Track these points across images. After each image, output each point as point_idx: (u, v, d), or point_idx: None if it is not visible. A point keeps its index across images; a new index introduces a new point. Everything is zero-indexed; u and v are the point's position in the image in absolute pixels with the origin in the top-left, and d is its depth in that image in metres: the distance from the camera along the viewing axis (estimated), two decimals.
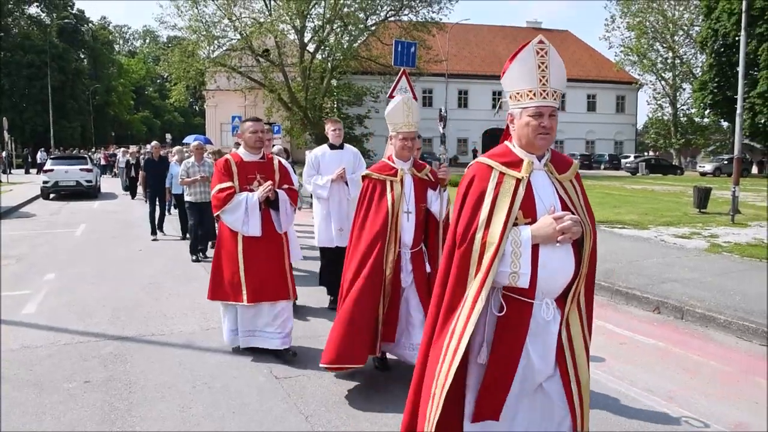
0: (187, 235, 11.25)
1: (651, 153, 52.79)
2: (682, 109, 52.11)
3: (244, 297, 5.07)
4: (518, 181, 2.59)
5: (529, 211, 2.59)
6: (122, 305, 7.06)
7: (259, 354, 5.33)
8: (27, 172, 39.49)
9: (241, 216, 5.02)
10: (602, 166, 50.32)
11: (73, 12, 66.66)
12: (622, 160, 48.59)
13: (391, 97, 12.93)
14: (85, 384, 4.72)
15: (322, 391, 4.61)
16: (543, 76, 2.56)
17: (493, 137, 55.75)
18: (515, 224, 2.57)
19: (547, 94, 2.57)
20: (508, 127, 2.75)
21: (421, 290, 4.58)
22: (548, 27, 61.74)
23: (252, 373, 4.97)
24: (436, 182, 4.70)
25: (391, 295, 4.57)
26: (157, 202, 12.80)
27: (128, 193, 21.84)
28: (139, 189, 18.30)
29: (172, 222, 13.59)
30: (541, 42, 2.57)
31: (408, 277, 4.62)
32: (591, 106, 56.38)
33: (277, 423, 4.12)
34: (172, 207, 14.18)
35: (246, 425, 4.08)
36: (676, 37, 50.43)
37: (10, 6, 59.46)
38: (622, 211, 16.02)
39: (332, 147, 6.91)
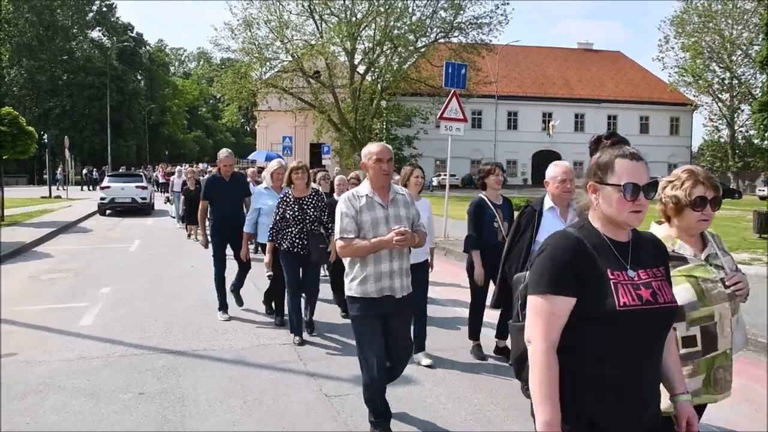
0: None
1: None
2: (741, 131, 50.60)
3: None
4: None
5: None
6: (175, 320, 7.17)
7: (309, 371, 5.32)
8: (93, 189, 40.40)
9: None
10: None
11: (133, 35, 69.31)
12: None
13: (441, 118, 13.01)
14: (139, 395, 4.79)
15: None
16: None
17: (543, 159, 55.20)
18: None
19: None
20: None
21: None
22: (600, 48, 61.08)
23: (302, 390, 4.97)
24: None
25: None
26: (230, 251, 7.32)
27: (183, 226, 16.15)
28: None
29: (256, 281, 8.31)
30: None
31: None
32: (644, 128, 55.20)
33: None
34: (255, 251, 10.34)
35: None
36: (733, 57, 49.15)
37: (74, 31, 62.23)
38: None
39: None
